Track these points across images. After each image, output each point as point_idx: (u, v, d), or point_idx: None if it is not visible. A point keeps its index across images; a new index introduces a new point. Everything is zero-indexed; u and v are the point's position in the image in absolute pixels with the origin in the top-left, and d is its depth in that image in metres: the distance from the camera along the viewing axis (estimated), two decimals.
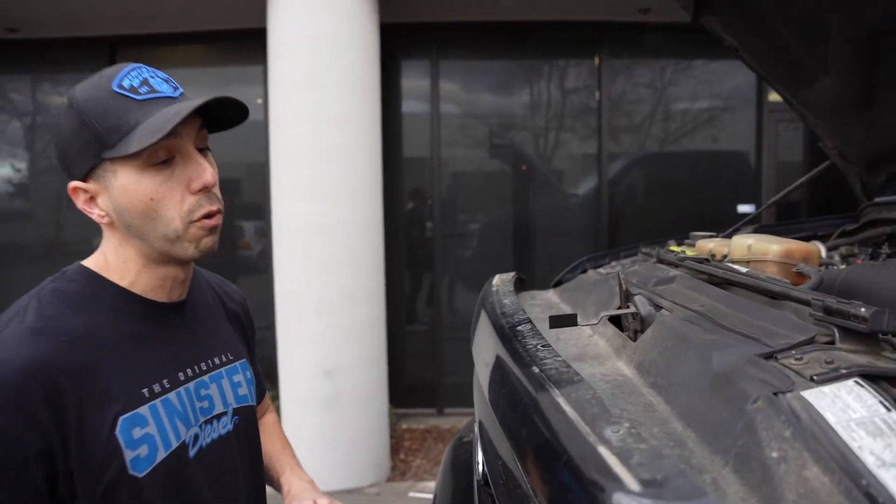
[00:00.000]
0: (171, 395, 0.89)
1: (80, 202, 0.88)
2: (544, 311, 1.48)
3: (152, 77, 0.86)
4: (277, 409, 3.78)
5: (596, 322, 1.08)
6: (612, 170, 4.63)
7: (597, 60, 4.55)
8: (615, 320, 1.14)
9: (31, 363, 0.76)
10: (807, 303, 0.85)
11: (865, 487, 0.54)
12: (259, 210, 4.71)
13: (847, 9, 1.52)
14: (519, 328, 1.04)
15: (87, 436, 0.79)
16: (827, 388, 0.66)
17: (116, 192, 0.84)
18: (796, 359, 0.73)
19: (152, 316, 0.91)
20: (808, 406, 0.64)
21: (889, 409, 0.61)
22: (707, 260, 1.26)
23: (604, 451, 0.57)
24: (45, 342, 0.78)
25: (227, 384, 1.00)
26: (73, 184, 0.87)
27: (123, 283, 0.90)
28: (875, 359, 0.72)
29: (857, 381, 0.66)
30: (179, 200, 0.85)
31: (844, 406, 0.63)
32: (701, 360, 0.82)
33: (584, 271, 1.85)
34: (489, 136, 4.74)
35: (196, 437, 0.92)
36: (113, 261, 0.90)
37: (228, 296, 1.12)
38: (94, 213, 0.88)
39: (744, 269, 1.15)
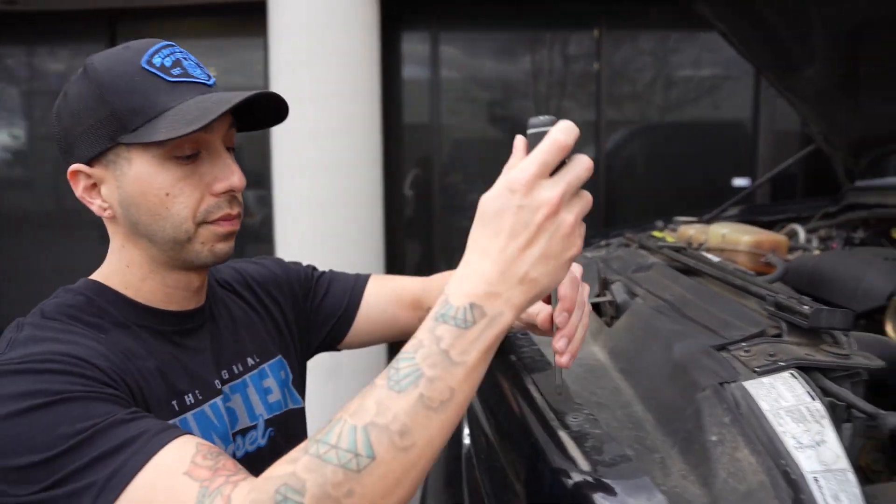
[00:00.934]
0: (206, 408, 0.78)
1: (79, 189, 0.75)
2: None
3: (185, 59, 0.75)
4: None
5: None
6: (610, 142, 4.68)
7: (597, 32, 4.56)
8: (595, 306, 1.23)
9: (83, 351, 0.66)
10: (762, 297, 0.94)
11: (783, 466, 0.63)
12: (260, 178, 4.76)
13: (831, 1, 1.58)
14: None
15: None
16: (766, 379, 0.75)
17: (128, 182, 0.72)
18: (745, 351, 0.82)
19: (163, 328, 0.78)
20: (747, 395, 0.73)
21: (813, 399, 0.70)
22: (684, 248, 1.34)
23: (563, 435, 0.66)
24: (83, 340, 0.68)
25: (254, 393, 0.86)
26: (75, 167, 0.74)
27: (128, 293, 0.77)
28: (814, 351, 0.81)
29: (792, 373, 0.75)
30: (198, 199, 0.74)
31: (778, 395, 0.72)
32: (664, 348, 0.91)
33: None
34: (489, 106, 4.78)
35: (233, 456, 0.79)
36: (115, 265, 0.78)
37: (244, 282, 0.96)
38: (95, 204, 0.76)
39: (716, 259, 1.24)
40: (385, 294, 1.04)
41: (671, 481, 0.68)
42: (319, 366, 3.58)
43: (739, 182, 4.55)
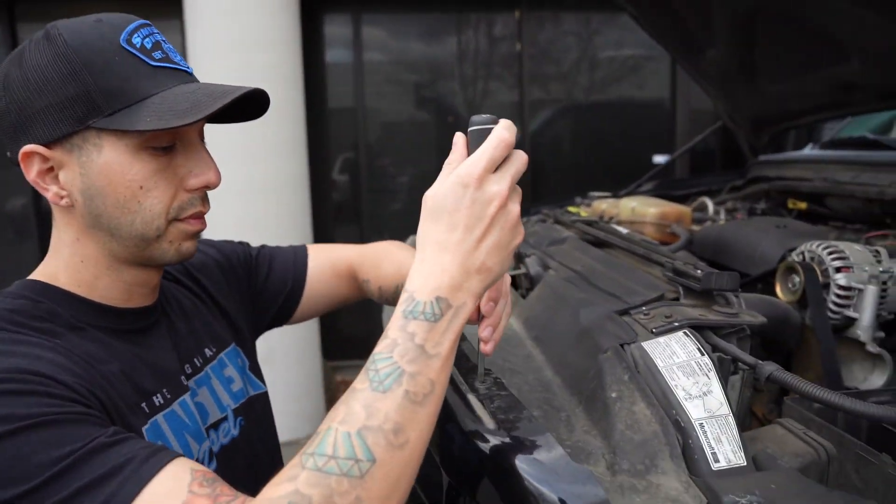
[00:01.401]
0: (176, 407, 0.73)
1: (32, 173, 0.67)
2: None
3: (164, 42, 0.69)
4: None
5: None
6: (534, 121, 4.77)
7: (517, 13, 4.62)
8: (511, 279, 1.27)
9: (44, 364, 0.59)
10: (662, 265, 1.00)
11: (674, 416, 0.69)
12: None
13: None
14: None
15: None
16: (662, 339, 0.80)
17: (95, 170, 0.66)
18: (644, 314, 0.88)
19: (122, 327, 0.72)
20: (644, 354, 0.78)
21: (703, 354, 0.76)
22: (596, 222, 1.40)
23: (472, 398, 0.70)
24: (40, 351, 0.61)
25: (218, 384, 0.83)
26: (31, 147, 0.65)
27: (80, 291, 0.70)
28: (707, 312, 0.87)
29: (685, 332, 0.81)
30: (172, 195, 0.69)
31: (671, 353, 0.78)
32: (572, 316, 0.96)
33: None
34: (413, 89, 4.78)
35: (210, 451, 0.77)
36: (66, 260, 0.71)
37: (185, 271, 0.90)
38: (51, 191, 0.67)
39: (625, 231, 1.30)
40: (326, 267, 1.03)
41: (575, 436, 0.73)
42: None
43: (659, 159, 4.72)
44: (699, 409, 0.69)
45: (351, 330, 4.87)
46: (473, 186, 0.58)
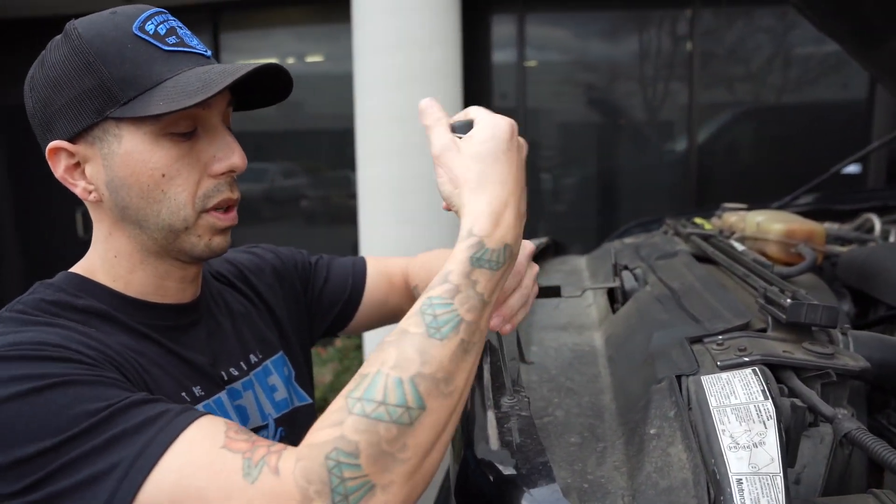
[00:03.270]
0: (211, 403, 0.72)
1: (60, 169, 0.67)
2: (566, 278, 1.54)
3: (180, 28, 0.68)
4: (361, 357, 4.03)
5: (579, 294, 1.14)
6: (702, 126, 4.46)
7: (689, 12, 4.33)
8: (611, 292, 1.20)
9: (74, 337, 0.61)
10: (755, 289, 0.88)
11: (712, 465, 0.60)
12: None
13: None
14: None
15: None
16: (725, 374, 0.71)
17: (117, 161, 0.65)
18: (718, 344, 0.78)
19: (159, 323, 0.72)
20: (699, 389, 0.69)
21: (767, 398, 0.66)
22: (713, 236, 1.27)
23: (490, 414, 0.66)
24: (71, 334, 0.62)
25: (261, 391, 0.81)
26: (56, 144, 0.66)
27: (117, 286, 0.70)
28: (794, 349, 0.75)
29: (754, 370, 0.70)
30: (196, 181, 0.68)
31: (730, 392, 0.68)
32: (646, 338, 0.88)
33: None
34: (576, 89, 4.67)
35: None
36: (101, 255, 0.71)
37: (239, 274, 0.89)
38: (79, 187, 0.68)
39: (741, 248, 1.17)
40: (383, 277, 1.02)
41: (601, 471, 0.67)
42: None
43: (849, 168, 4.20)
44: (742, 462, 0.60)
45: None
46: (517, 134, 0.62)
